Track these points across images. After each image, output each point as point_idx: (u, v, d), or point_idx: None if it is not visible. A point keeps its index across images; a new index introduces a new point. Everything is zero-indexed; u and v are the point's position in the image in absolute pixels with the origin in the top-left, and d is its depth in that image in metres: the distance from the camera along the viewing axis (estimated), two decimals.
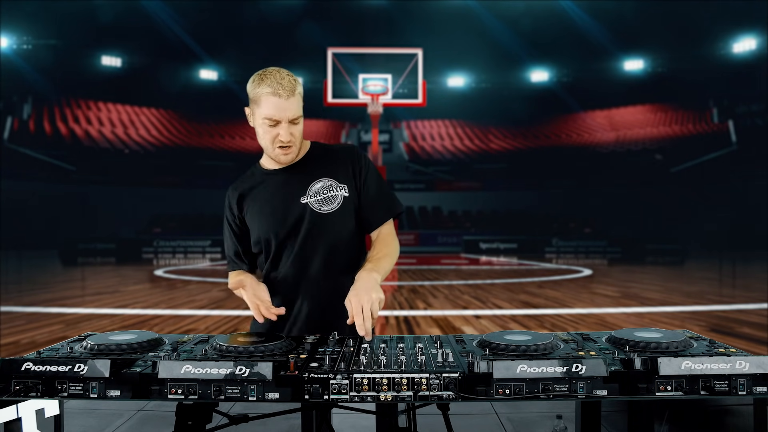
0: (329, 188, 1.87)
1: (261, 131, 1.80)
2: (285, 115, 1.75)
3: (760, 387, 1.29)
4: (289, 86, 1.75)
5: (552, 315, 7.02)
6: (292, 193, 1.87)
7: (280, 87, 1.73)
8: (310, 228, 1.84)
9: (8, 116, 25.15)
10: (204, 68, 32.20)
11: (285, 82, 1.74)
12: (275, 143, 1.79)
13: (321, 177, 1.88)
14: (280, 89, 1.73)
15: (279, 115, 1.75)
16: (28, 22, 25.35)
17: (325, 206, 1.85)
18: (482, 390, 1.26)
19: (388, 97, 21.57)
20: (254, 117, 1.81)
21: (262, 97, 1.74)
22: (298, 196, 1.86)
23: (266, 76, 1.76)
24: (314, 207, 1.85)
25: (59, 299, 8.86)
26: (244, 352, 1.40)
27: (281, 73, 1.77)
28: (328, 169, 1.90)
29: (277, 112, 1.74)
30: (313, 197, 1.85)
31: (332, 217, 1.85)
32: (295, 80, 1.78)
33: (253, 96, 1.78)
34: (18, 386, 1.29)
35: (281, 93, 1.73)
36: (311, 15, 28.72)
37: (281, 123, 1.76)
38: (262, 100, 1.75)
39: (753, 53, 26.04)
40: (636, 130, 31.33)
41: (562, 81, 32.01)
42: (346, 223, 1.88)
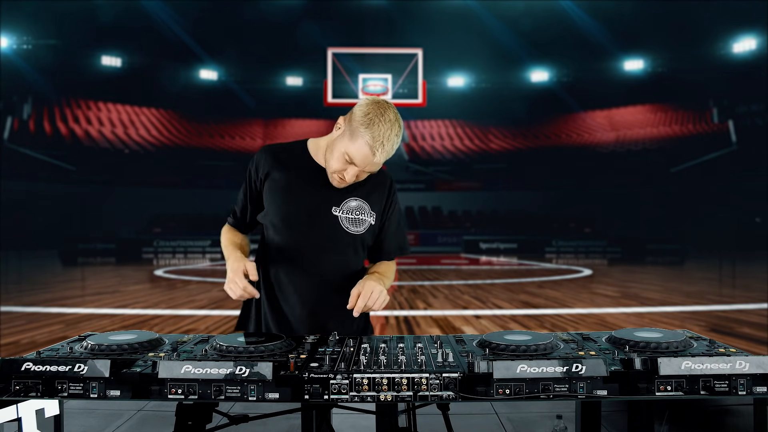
0: (362, 211, 1.85)
1: (336, 155, 1.74)
2: (364, 166, 1.72)
3: (760, 387, 1.29)
4: (389, 150, 1.69)
5: (552, 315, 7.02)
6: (327, 199, 1.83)
7: (381, 148, 1.67)
8: (330, 240, 1.82)
9: (8, 116, 25.15)
10: (204, 68, 32.19)
11: (388, 145, 1.68)
12: (336, 173, 1.76)
13: (357, 197, 1.85)
14: (380, 150, 1.67)
15: (360, 164, 1.71)
16: (28, 22, 25.35)
17: (353, 227, 1.84)
18: (482, 390, 1.26)
19: (388, 97, 21.56)
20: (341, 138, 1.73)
21: (359, 140, 1.67)
22: (331, 205, 1.82)
23: (379, 124, 1.67)
24: (343, 224, 1.83)
25: (59, 299, 8.86)
26: (244, 352, 1.40)
27: (393, 130, 1.68)
28: (365, 190, 1.87)
29: (361, 161, 1.70)
30: (345, 213, 1.83)
31: (356, 239, 1.85)
32: (398, 142, 1.71)
33: (354, 126, 1.69)
34: (18, 386, 1.29)
35: (377, 153, 1.68)
36: (311, 15, 28.71)
37: (354, 166, 1.72)
38: (358, 141, 1.68)
39: (753, 53, 26.03)
40: (636, 130, 31.33)
41: (562, 81, 32.01)
42: (363, 249, 1.90)
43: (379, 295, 1.70)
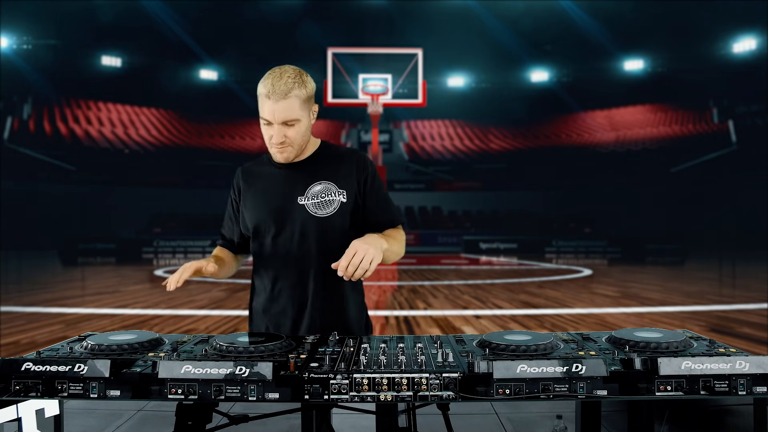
0: (328, 192, 1.85)
1: (262, 131, 1.82)
2: (276, 117, 1.75)
3: (760, 387, 1.29)
4: (283, 89, 1.73)
5: (552, 315, 7.02)
6: (291, 192, 1.87)
7: (272, 90, 1.73)
8: (303, 230, 1.84)
9: (8, 116, 25.15)
10: (204, 68, 32.20)
11: (279, 84, 1.73)
12: (271, 142, 1.81)
13: (322, 179, 1.87)
14: (272, 92, 1.73)
15: (270, 117, 1.76)
16: (28, 22, 25.35)
17: (321, 210, 1.84)
18: (482, 390, 1.26)
19: (388, 97, 21.56)
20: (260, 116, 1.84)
21: (259, 98, 1.77)
22: (295, 196, 1.86)
23: (268, 75, 1.77)
24: (310, 210, 1.85)
25: (59, 299, 8.86)
26: (244, 352, 1.40)
27: (283, 73, 1.76)
28: (330, 171, 1.89)
29: (268, 113, 1.75)
30: (310, 199, 1.85)
31: (327, 221, 1.84)
32: (294, 82, 1.75)
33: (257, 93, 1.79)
34: (18, 386, 1.29)
35: (272, 96, 1.73)
36: (311, 15, 28.72)
37: (273, 124, 1.77)
38: (259, 100, 1.77)
39: (753, 53, 26.04)
40: (636, 130, 31.33)
41: (562, 81, 32.01)
42: (341, 228, 1.86)
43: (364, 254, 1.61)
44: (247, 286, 6.89)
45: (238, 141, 33.58)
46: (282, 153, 1.82)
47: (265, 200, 1.89)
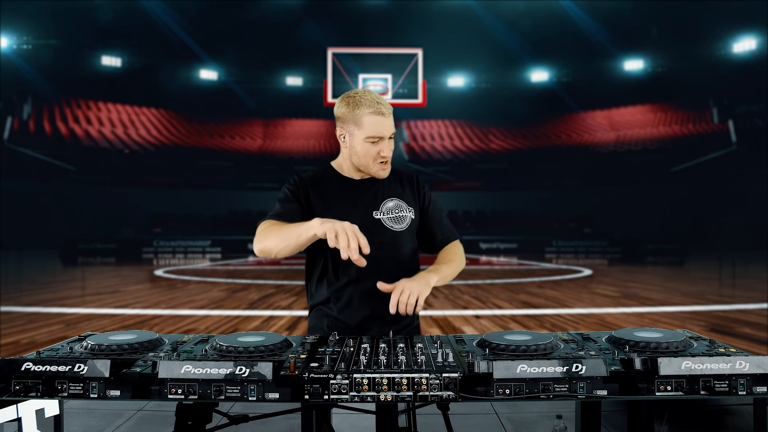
0: (400, 208, 1.97)
1: (362, 150, 1.87)
2: (387, 132, 1.86)
3: (760, 387, 1.29)
4: (387, 105, 1.86)
5: (552, 315, 7.02)
6: (366, 206, 1.94)
7: (381, 106, 1.84)
8: (381, 243, 1.88)
9: (8, 116, 25.16)
10: (204, 68, 32.19)
11: (383, 101, 1.86)
12: (377, 159, 1.88)
13: (392, 196, 1.98)
14: (382, 108, 1.84)
15: (382, 133, 1.85)
16: (28, 22, 25.36)
17: (397, 225, 1.95)
18: (482, 390, 1.26)
19: (388, 97, 21.55)
20: (352, 138, 1.88)
21: (364, 118, 1.84)
22: (371, 210, 1.94)
23: (362, 97, 1.86)
24: (386, 223, 1.94)
25: (59, 299, 8.86)
26: (244, 352, 1.40)
27: (373, 93, 1.89)
28: (396, 190, 2.00)
29: (380, 130, 1.84)
30: (386, 214, 1.94)
31: (402, 235, 1.95)
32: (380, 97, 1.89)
33: (351, 117, 1.86)
34: (18, 386, 1.29)
35: (383, 111, 1.84)
36: (311, 15, 28.72)
37: (383, 140, 1.86)
38: (364, 120, 1.84)
39: (753, 53, 26.04)
40: (636, 130, 31.33)
41: (562, 81, 32.01)
42: (411, 242, 1.99)
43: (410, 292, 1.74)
44: (246, 286, 6.91)
45: (238, 141, 33.57)
46: (385, 169, 1.92)
47: (343, 211, 1.88)
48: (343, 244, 1.56)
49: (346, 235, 1.57)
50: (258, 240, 1.78)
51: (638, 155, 28.77)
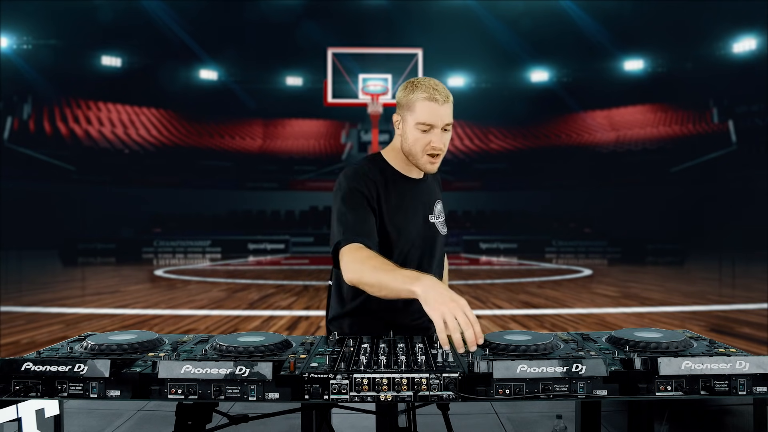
0: (442, 211, 1.92)
1: (412, 138, 1.75)
2: (440, 121, 1.73)
3: (760, 387, 1.29)
4: (444, 92, 1.74)
5: (552, 315, 7.02)
6: (423, 209, 1.84)
7: (436, 92, 1.72)
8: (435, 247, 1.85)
9: (8, 116, 25.16)
10: (204, 68, 32.22)
11: (440, 88, 1.74)
12: (426, 150, 1.75)
13: (438, 198, 1.92)
14: (437, 94, 1.72)
15: (434, 120, 1.72)
16: (28, 22, 25.38)
17: (443, 229, 1.90)
18: (482, 390, 1.26)
19: (388, 97, 21.56)
20: (405, 123, 1.77)
21: (417, 103, 1.73)
22: (427, 214, 1.85)
23: (420, 82, 1.75)
24: (439, 228, 1.88)
25: (59, 299, 8.86)
26: (244, 352, 1.40)
27: (434, 80, 1.77)
28: (438, 190, 1.95)
29: (432, 117, 1.72)
30: (437, 218, 1.88)
31: (445, 239, 1.91)
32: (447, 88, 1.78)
33: (405, 102, 1.76)
34: (18, 386, 1.29)
35: (437, 98, 1.71)
36: (311, 15, 28.74)
37: (435, 129, 1.73)
38: (416, 105, 1.73)
39: (753, 53, 26.05)
40: (636, 130, 31.34)
41: (562, 81, 32.02)
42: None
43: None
44: (246, 286, 6.92)
45: (238, 141, 33.58)
46: (435, 163, 1.78)
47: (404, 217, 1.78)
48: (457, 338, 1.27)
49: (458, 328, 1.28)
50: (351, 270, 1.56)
51: (638, 155, 28.78)
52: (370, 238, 1.65)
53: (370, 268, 1.51)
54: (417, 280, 1.39)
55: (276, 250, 23.31)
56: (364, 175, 1.75)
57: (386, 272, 1.47)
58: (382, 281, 1.48)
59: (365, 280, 1.53)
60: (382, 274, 1.48)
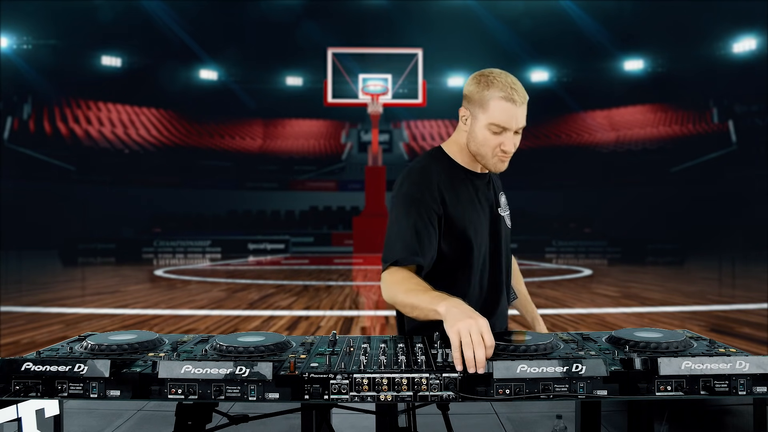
0: (508, 204, 1.85)
1: (482, 137, 1.65)
2: (515, 123, 1.62)
3: (760, 387, 1.28)
4: (523, 92, 1.63)
5: (552, 315, 7.02)
6: (490, 203, 1.77)
7: (515, 92, 1.60)
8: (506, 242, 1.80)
9: (8, 116, 25.18)
10: (204, 68, 32.23)
11: (518, 88, 1.62)
12: (495, 152, 1.65)
13: (501, 190, 1.84)
14: (515, 95, 1.60)
15: (508, 123, 1.61)
16: (28, 22, 25.38)
17: (510, 221, 1.83)
18: (482, 390, 1.26)
19: (388, 97, 21.56)
20: (475, 120, 1.66)
21: (492, 102, 1.61)
22: (495, 207, 1.77)
23: (496, 78, 1.62)
24: (507, 221, 1.82)
25: (59, 299, 8.86)
26: (244, 352, 1.40)
27: (510, 77, 1.64)
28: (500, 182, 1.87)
29: (507, 119, 1.61)
30: (504, 211, 1.81)
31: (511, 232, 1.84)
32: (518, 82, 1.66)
33: (478, 98, 1.63)
34: (18, 386, 1.29)
35: (516, 99, 1.60)
36: (311, 15, 28.75)
37: (508, 131, 1.63)
38: (491, 104, 1.61)
39: (753, 53, 26.06)
40: (636, 130, 31.34)
41: (562, 81, 32.03)
42: None
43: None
44: (246, 286, 6.93)
45: (238, 141, 33.58)
46: (504, 162, 1.68)
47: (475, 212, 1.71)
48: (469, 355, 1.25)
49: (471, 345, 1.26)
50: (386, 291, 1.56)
51: (638, 155, 28.79)
52: (426, 255, 1.59)
53: (404, 290, 1.51)
54: (443, 300, 1.39)
55: (276, 250, 23.32)
56: (427, 178, 1.67)
57: (417, 294, 1.47)
58: (414, 302, 1.48)
59: (399, 301, 1.53)
60: (413, 296, 1.47)
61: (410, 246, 1.58)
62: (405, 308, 1.53)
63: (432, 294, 1.44)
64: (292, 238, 24.53)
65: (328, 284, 10.94)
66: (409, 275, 1.55)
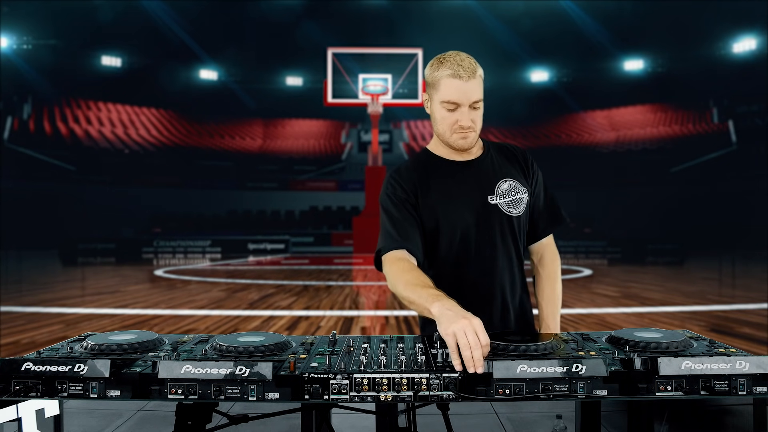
0: (516, 190, 1.78)
1: (439, 117, 1.71)
2: (466, 98, 1.65)
3: (760, 387, 1.28)
4: (470, 68, 1.65)
5: None
6: (480, 190, 1.75)
7: (461, 68, 1.63)
8: (501, 230, 1.75)
9: (8, 116, 25.17)
10: (204, 68, 32.22)
11: (465, 64, 1.64)
12: (453, 129, 1.69)
13: (506, 177, 1.79)
14: (461, 71, 1.63)
15: (459, 98, 1.65)
16: (28, 22, 25.38)
17: (514, 209, 1.77)
18: (482, 390, 1.26)
19: (388, 97, 21.57)
20: (432, 102, 1.72)
21: (442, 81, 1.66)
22: (486, 195, 1.76)
23: (445, 59, 1.67)
24: (504, 209, 1.76)
25: (59, 299, 8.86)
26: (244, 352, 1.40)
27: (461, 55, 1.67)
28: (509, 168, 1.81)
29: (457, 95, 1.65)
30: (501, 198, 1.76)
31: (519, 220, 1.79)
32: (475, 62, 1.68)
33: (431, 80, 1.69)
34: (18, 386, 1.29)
35: (462, 74, 1.63)
36: (311, 15, 28.74)
37: (461, 107, 1.66)
38: (441, 83, 1.66)
39: (753, 53, 26.05)
40: (636, 130, 31.34)
41: (562, 81, 32.02)
42: (525, 228, 1.84)
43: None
44: (246, 286, 6.92)
45: (238, 141, 33.58)
46: (466, 138, 1.70)
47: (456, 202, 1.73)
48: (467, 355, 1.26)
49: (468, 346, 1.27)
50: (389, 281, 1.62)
51: (638, 155, 28.78)
52: (411, 241, 1.66)
53: (403, 283, 1.55)
54: (436, 300, 1.40)
55: (276, 250, 23.32)
56: (401, 174, 1.76)
57: (414, 289, 1.50)
58: (411, 297, 1.51)
59: (399, 293, 1.57)
60: (411, 291, 1.51)
61: (390, 235, 1.67)
62: (404, 301, 1.57)
63: (428, 292, 1.46)
64: (292, 238, 24.54)
65: (328, 284, 10.94)
66: (407, 266, 1.60)
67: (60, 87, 28.00)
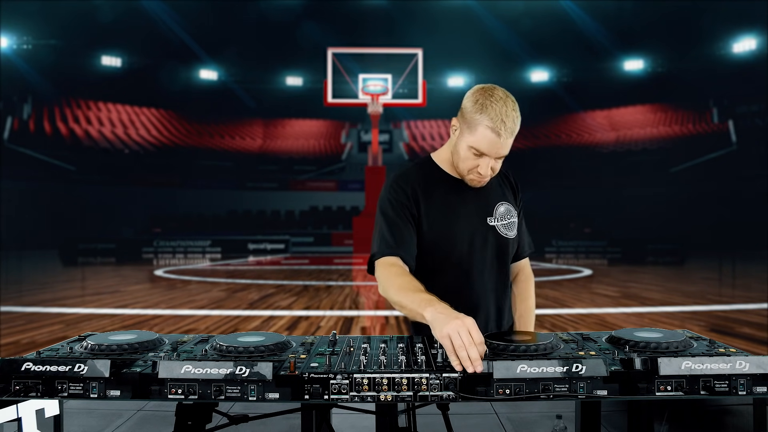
0: (510, 213, 1.82)
1: (462, 155, 1.69)
2: (495, 152, 1.65)
3: (760, 387, 1.29)
4: (511, 128, 1.61)
5: (552, 315, 7.02)
6: (480, 210, 1.77)
7: (503, 127, 1.59)
8: (497, 252, 1.78)
9: (8, 116, 25.15)
10: (204, 68, 32.19)
11: (509, 123, 1.60)
12: (472, 171, 1.70)
13: (503, 200, 1.82)
14: (502, 129, 1.59)
15: (489, 151, 1.64)
16: (28, 22, 25.36)
17: (509, 232, 1.81)
18: (482, 390, 1.26)
19: (388, 97, 21.57)
20: (461, 137, 1.69)
21: (479, 128, 1.62)
22: (485, 216, 1.77)
23: (491, 105, 1.61)
24: (501, 231, 1.79)
25: (59, 299, 8.86)
26: (244, 352, 1.40)
27: (507, 106, 1.62)
28: (504, 191, 1.85)
29: (488, 148, 1.63)
30: (499, 220, 1.79)
31: (512, 243, 1.83)
32: (518, 118, 1.64)
33: (469, 118, 1.64)
34: (18, 386, 1.29)
35: (501, 132, 1.60)
36: (311, 15, 28.72)
37: (487, 157, 1.66)
38: (478, 130, 1.62)
39: (753, 53, 26.03)
40: (636, 130, 31.33)
41: (562, 81, 32.01)
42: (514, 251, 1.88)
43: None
44: (246, 286, 6.94)
45: (238, 141, 33.57)
46: (481, 182, 1.73)
47: (454, 219, 1.73)
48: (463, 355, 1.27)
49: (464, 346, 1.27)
50: (380, 286, 1.63)
51: (638, 155, 28.77)
52: (405, 248, 1.66)
53: (395, 287, 1.56)
54: (429, 305, 1.40)
55: (276, 250, 23.32)
56: (405, 180, 1.74)
57: (407, 293, 1.51)
58: (402, 302, 1.52)
59: (390, 298, 1.59)
60: (403, 295, 1.52)
61: (386, 240, 1.67)
62: (396, 306, 1.57)
63: (421, 296, 1.46)
64: (292, 238, 24.53)
65: (328, 284, 10.94)
66: (399, 271, 1.61)
67: (60, 87, 27.97)
